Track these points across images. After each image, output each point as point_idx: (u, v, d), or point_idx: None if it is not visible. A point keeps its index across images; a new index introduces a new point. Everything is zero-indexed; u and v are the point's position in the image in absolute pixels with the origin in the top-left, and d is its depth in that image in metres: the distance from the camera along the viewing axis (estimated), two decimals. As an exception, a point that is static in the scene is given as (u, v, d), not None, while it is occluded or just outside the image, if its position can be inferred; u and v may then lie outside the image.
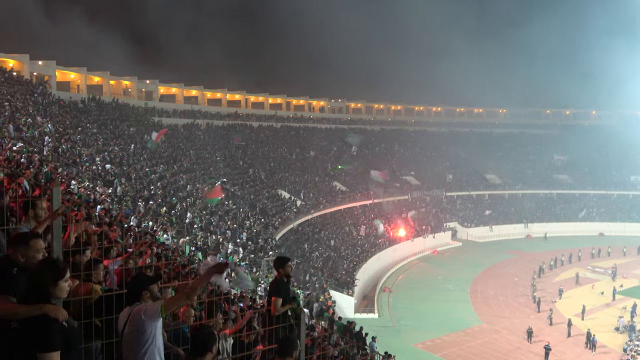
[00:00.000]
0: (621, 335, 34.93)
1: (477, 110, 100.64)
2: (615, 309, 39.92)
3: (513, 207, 74.04)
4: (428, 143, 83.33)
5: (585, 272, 50.47)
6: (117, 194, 28.30)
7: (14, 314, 3.45)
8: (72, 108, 43.86)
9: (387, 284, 47.86)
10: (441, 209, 70.16)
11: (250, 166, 56.54)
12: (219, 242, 31.37)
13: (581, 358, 32.17)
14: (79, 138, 34.67)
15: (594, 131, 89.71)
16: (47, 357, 3.30)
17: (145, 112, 56.42)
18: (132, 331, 4.21)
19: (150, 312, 4.14)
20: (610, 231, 68.62)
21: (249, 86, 79.99)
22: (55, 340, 3.34)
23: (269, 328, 5.89)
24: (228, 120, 67.00)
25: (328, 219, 54.96)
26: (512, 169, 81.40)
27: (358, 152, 74.45)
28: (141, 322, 4.16)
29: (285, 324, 6.20)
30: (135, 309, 4.26)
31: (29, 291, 3.50)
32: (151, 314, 4.14)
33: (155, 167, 39.35)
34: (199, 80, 74.55)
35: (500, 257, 57.65)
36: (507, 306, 41.84)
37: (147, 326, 4.16)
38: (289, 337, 5.31)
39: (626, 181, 78.04)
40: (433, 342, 34.08)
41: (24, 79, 43.22)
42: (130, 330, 4.21)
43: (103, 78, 59.24)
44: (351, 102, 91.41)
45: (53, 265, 3.61)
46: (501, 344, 34.34)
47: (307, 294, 34.29)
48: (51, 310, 3.41)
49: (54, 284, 3.52)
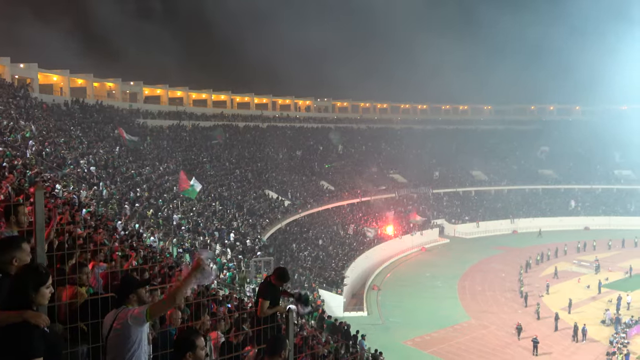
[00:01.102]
0: (607, 328, 35.27)
1: (462, 107, 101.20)
2: (601, 302, 40.33)
3: (499, 203, 74.55)
4: (414, 141, 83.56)
5: (570, 266, 51.12)
6: (103, 196, 28.09)
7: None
8: (55, 111, 43.45)
9: (376, 282, 47.98)
10: (428, 206, 70.48)
11: (237, 167, 56.38)
12: (207, 244, 31.25)
13: (569, 351, 32.47)
14: (62, 141, 34.35)
15: (577, 126, 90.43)
16: None
17: (130, 113, 56.03)
18: (117, 335, 4.16)
19: (137, 317, 4.10)
20: (595, 225, 69.31)
21: (234, 86, 79.73)
22: (36, 346, 3.28)
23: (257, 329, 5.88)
24: (214, 121, 66.70)
25: (316, 218, 54.98)
26: (498, 165, 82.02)
27: (344, 151, 74.61)
28: (127, 326, 4.12)
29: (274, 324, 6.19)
30: (122, 313, 4.22)
31: (10, 297, 3.44)
32: (137, 319, 4.10)
33: (141, 169, 39.10)
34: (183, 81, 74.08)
35: (487, 252, 58.02)
36: (495, 301, 42.11)
37: (133, 331, 4.11)
38: (278, 337, 5.31)
39: (610, 175, 78.93)
40: (422, 338, 34.22)
41: (5, 82, 42.68)
42: (116, 335, 4.16)
43: (86, 80, 58.68)
44: (337, 101, 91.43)
45: (35, 271, 3.54)
46: (489, 339, 34.56)
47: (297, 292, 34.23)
48: (32, 316, 3.35)
49: (35, 290, 3.46)
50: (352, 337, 26.38)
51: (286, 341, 5.01)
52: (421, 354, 31.49)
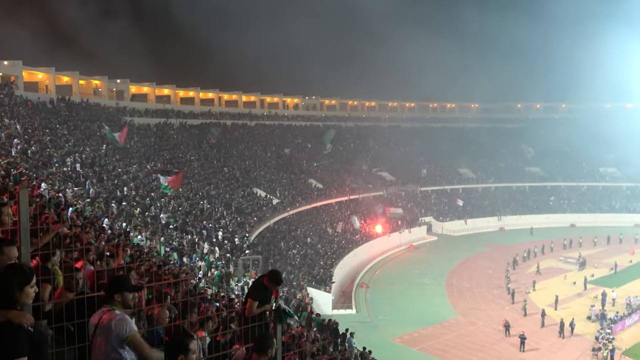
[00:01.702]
0: (593, 324, 35.61)
1: (450, 105, 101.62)
2: (587, 298, 40.70)
3: (486, 201, 75.03)
4: (402, 139, 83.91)
5: (556, 263, 51.59)
6: (90, 195, 27.89)
7: None
8: (40, 109, 43.03)
9: (365, 279, 48.07)
10: (416, 204, 70.74)
11: (224, 165, 56.18)
12: (195, 242, 31.14)
13: (555, 347, 32.76)
14: (48, 139, 34.05)
15: (564, 124, 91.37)
16: None
17: (117, 112, 55.63)
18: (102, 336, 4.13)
19: (119, 334, 4.07)
20: (581, 222, 69.99)
21: (222, 84, 79.31)
22: (21, 346, 3.26)
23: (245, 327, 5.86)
24: (202, 119, 66.44)
25: (304, 216, 54.97)
26: (485, 163, 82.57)
27: (333, 149, 74.57)
28: (110, 331, 4.09)
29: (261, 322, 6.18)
30: (106, 315, 4.18)
31: None
32: (119, 336, 4.06)
33: (128, 168, 38.85)
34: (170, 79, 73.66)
35: (474, 250, 58.39)
36: (482, 298, 42.37)
37: (115, 341, 4.10)
38: (266, 335, 5.30)
39: (595, 173, 79.73)
40: (410, 336, 34.35)
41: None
42: (100, 338, 4.14)
43: (72, 78, 58.12)
44: (325, 99, 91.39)
45: (19, 271, 3.51)
46: (477, 336, 34.76)
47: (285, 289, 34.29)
48: (16, 316, 3.32)
49: (19, 290, 3.44)
50: (340, 335, 26.41)
51: (274, 339, 5.01)
52: (409, 351, 31.62)
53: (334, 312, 37.47)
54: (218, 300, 14.66)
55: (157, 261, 17.36)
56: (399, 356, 31.16)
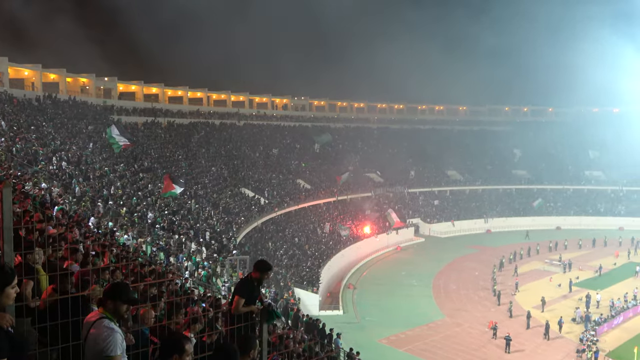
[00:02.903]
0: (578, 326, 35.96)
1: (438, 107, 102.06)
2: (572, 300, 41.06)
3: (474, 203, 75.39)
4: (391, 140, 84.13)
5: (542, 265, 51.97)
6: (76, 194, 27.65)
7: None
8: (26, 106, 42.57)
9: (352, 280, 48.14)
10: (404, 205, 70.94)
11: (212, 165, 55.97)
12: (182, 242, 30.98)
13: (540, 348, 33.02)
14: (34, 137, 33.71)
15: (550, 128, 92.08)
16: None
17: (104, 110, 55.22)
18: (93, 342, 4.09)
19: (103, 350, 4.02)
20: (566, 225, 70.60)
21: (210, 83, 79.05)
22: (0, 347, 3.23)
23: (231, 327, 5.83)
24: (190, 119, 66.14)
25: (292, 216, 54.92)
26: (473, 165, 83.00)
27: (321, 150, 74.63)
28: (94, 345, 4.06)
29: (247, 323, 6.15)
30: (95, 328, 4.13)
31: None
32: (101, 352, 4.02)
33: (115, 166, 38.56)
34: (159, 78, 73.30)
35: (461, 251, 58.67)
36: (469, 300, 42.60)
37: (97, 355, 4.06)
38: (248, 336, 5.28)
39: (581, 176, 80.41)
40: (397, 337, 34.46)
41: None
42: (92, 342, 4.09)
43: (59, 75, 57.57)
44: (314, 99, 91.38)
45: (0, 271, 3.47)
46: (463, 337, 34.95)
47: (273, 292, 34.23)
48: None
49: (0, 291, 3.39)
50: (327, 335, 26.43)
51: (256, 341, 4.99)
52: (396, 352, 31.71)
53: (321, 313, 37.49)
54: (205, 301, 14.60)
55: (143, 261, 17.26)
56: (385, 357, 31.23)
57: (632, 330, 35.71)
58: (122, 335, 4.16)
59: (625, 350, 31.95)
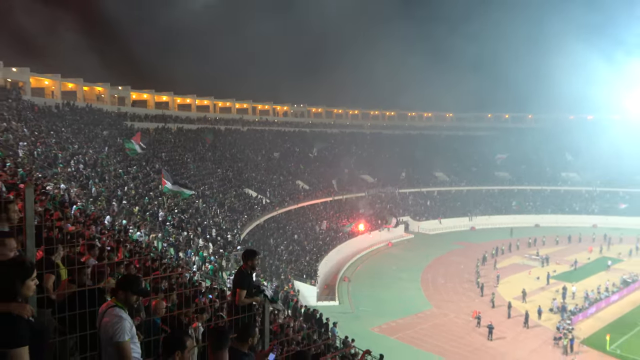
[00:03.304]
0: (555, 316, 36.01)
1: (427, 114, 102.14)
2: (549, 292, 41.10)
3: (459, 202, 75.45)
4: (383, 144, 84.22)
5: (522, 260, 52.03)
6: (92, 194, 27.62)
7: None
8: (46, 113, 42.53)
9: (347, 273, 48.11)
10: (395, 204, 70.98)
11: (218, 167, 55.96)
12: (190, 238, 30.96)
13: (521, 336, 33.04)
14: (54, 141, 33.66)
15: (530, 133, 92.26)
16: (14, 353, 3.21)
17: (118, 116, 55.16)
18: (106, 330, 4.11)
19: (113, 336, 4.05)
20: (544, 222, 70.67)
21: (216, 92, 79.05)
22: (21, 336, 3.25)
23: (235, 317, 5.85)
24: (198, 124, 66.13)
25: (292, 215, 54.91)
26: (458, 168, 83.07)
27: (319, 154, 74.65)
28: (106, 332, 4.08)
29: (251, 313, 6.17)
30: (107, 317, 4.15)
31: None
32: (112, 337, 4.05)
33: (128, 168, 38.52)
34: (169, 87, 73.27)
35: (448, 247, 58.69)
36: (454, 291, 42.63)
37: (108, 341, 4.08)
38: (248, 324, 5.30)
39: (558, 177, 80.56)
40: (389, 325, 34.47)
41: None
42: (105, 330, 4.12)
43: (77, 84, 57.56)
44: (312, 107, 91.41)
45: (21, 265, 3.50)
46: (450, 326, 34.97)
47: (275, 285, 34.23)
48: (16, 308, 3.31)
49: (22, 283, 3.42)
50: (324, 324, 26.43)
51: (255, 329, 5.01)
52: (388, 340, 31.69)
53: (318, 304, 37.47)
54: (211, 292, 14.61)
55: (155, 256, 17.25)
56: (378, 344, 31.03)
57: (605, 319, 35.77)
58: (131, 323, 4.18)
59: (599, 337, 32.04)
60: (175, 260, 22.96)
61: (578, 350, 30.32)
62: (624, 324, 34.66)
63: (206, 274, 25.95)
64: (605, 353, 30.09)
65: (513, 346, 31.42)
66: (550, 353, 30.38)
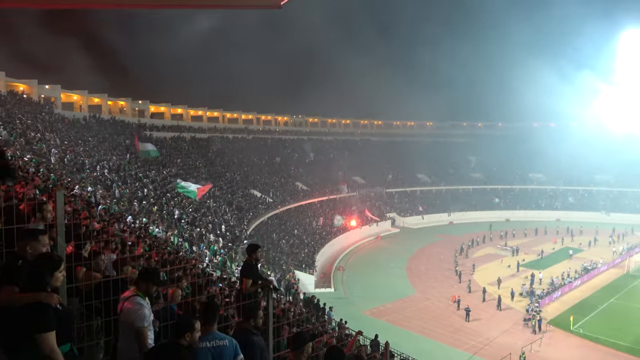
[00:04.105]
0: (524, 299, 36.07)
1: (410, 123, 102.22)
2: (519, 279, 41.12)
3: (439, 200, 75.52)
4: (372, 150, 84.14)
5: (495, 250, 52.13)
6: (116, 196, 27.53)
7: (15, 301, 3.36)
8: (75, 124, 42.40)
9: (341, 263, 48.05)
10: (383, 202, 70.99)
11: (227, 170, 55.85)
12: (202, 234, 30.89)
13: (494, 318, 33.07)
14: (81, 149, 33.55)
15: (500, 139, 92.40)
16: (43, 337, 3.24)
17: (138, 127, 55.01)
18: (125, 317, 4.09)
19: (133, 322, 4.03)
20: (514, 217, 70.79)
21: (225, 104, 79.03)
22: (49, 322, 3.28)
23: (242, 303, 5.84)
24: (209, 134, 66.05)
25: (292, 212, 54.81)
26: (438, 170, 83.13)
27: (315, 158, 74.60)
28: (127, 318, 4.06)
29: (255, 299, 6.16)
30: (128, 303, 4.13)
31: (28, 280, 3.42)
32: (135, 322, 4.03)
33: (147, 172, 38.43)
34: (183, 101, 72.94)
35: (430, 240, 58.69)
36: (435, 279, 42.63)
37: (130, 327, 4.06)
38: (253, 305, 5.32)
39: (526, 177, 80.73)
40: (378, 309, 34.45)
41: (32, 100, 41.51)
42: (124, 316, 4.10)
43: (102, 99, 57.45)
44: (309, 117, 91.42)
45: (50, 258, 3.54)
46: (432, 309, 34.98)
47: (279, 275, 34.17)
48: (44, 297, 3.34)
49: (50, 274, 3.44)
50: (321, 309, 26.40)
51: (259, 312, 5.00)
52: (377, 322, 31.64)
53: (316, 291, 37.40)
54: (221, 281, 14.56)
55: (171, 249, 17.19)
56: (369, 326, 30.94)
57: (568, 302, 35.86)
58: (150, 311, 4.18)
59: (563, 318, 32.12)
60: (189, 253, 22.89)
61: (545, 329, 30.40)
62: (586, 306, 34.76)
63: (216, 265, 25.89)
64: (569, 332, 30.18)
65: (487, 327, 31.46)
66: (520, 332, 30.43)
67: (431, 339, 29.41)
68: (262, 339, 4.92)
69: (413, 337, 29.40)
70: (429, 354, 25.73)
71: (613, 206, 70.32)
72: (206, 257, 26.06)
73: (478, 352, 27.40)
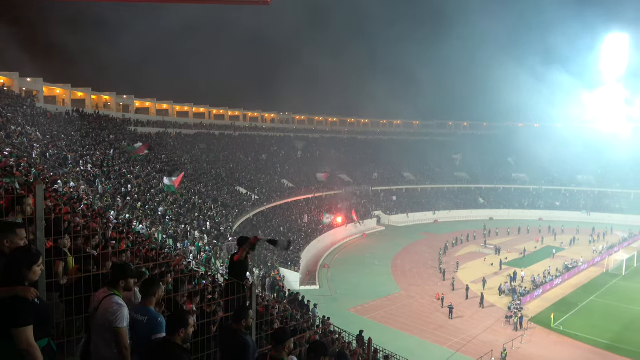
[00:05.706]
0: (506, 297, 36.55)
1: (396, 122, 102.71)
2: (502, 277, 41.64)
3: (424, 199, 76.04)
4: (358, 148, 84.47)
5: (478, 248, 52.67)
6: (99, 191, 27.16)
7: None
8: (58, 119, 41.66)
9: (327, 261, 48.14)
10: (368, 200, 71.23)
11: (213, 167, 55.49)
12: (187, 231, 30.66)
13: (477, 315, 33.45)
14: (64, 144, 33.00)
15: (485, 139, 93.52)
16: (20, 331, 3.20)
17: (123, 122, 54.29)
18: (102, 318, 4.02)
19: (112, 321, 3.96)
20: (497, 216, 71.63)
21: (212, 100, 78.47)
22: (26, 316, 3.23)
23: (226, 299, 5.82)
24: (195, 130, 65.53)
25: (278, 210, 54.71)
26: (423, 168, 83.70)
27: (302, 156, 74.50)
28: (104, 318, 3.99)
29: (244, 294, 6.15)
30: (105, 303, 4.05)
31: (5, 274, 3.35)
32: (111, 323, 3.96)
33: (131, 168, 37.97)
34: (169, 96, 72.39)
35: (414, 238, 59.11)
36: (420, 276, 42.95)
37: (107, 327, 3.98)
38: (244, 307, 5.28)
39: (509, 177, 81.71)
40: (363, 306, 34.61)
41: (14, 93, 40.67)
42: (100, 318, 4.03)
43: (85, 93, 56.54)
44: (296, 114, 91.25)
45: (28, 252, 3.47)
46: (416, 306, 35.25)
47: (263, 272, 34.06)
48: (21, 291, 3.29)
49: (28, 268, 3.39)
50: (306, 306, 26.42)
51: (250, 311, 4.98)
52: (362, 319, 31.82)
53: (301, 288, 37.42)
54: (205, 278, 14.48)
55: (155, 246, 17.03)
56: (353, 323, 31.20)
57: (550, 300, 36.42)
58: (128, 310, 4.11)
59: (544, 316, 32.62)
60: (173, 250, 22.71)
61: (527, 327, 30.83)
62: (566, 304, 35.34)
63: (201, 262, 25.72)
64: (550, 329, 30.65)
65: (470, 324, 31.81)
66: (502, 330, 30.83)
67: (415, 335, 29.65)
68: (252, 339, 4.95)
69: (397, 334, 29.59)
70: (412, 351, 25.91)
71: (594, 206, 71.60)
72: (191, 253, 25.88)
73: (461, 349, 27.70)
